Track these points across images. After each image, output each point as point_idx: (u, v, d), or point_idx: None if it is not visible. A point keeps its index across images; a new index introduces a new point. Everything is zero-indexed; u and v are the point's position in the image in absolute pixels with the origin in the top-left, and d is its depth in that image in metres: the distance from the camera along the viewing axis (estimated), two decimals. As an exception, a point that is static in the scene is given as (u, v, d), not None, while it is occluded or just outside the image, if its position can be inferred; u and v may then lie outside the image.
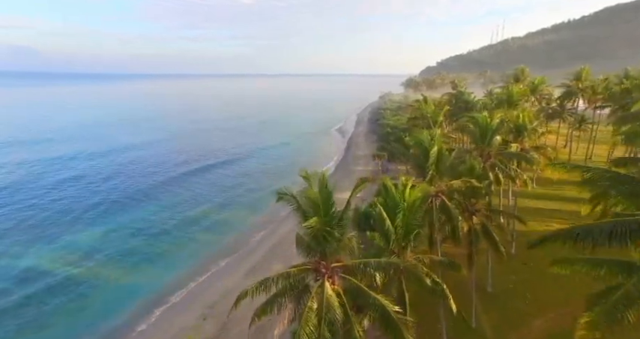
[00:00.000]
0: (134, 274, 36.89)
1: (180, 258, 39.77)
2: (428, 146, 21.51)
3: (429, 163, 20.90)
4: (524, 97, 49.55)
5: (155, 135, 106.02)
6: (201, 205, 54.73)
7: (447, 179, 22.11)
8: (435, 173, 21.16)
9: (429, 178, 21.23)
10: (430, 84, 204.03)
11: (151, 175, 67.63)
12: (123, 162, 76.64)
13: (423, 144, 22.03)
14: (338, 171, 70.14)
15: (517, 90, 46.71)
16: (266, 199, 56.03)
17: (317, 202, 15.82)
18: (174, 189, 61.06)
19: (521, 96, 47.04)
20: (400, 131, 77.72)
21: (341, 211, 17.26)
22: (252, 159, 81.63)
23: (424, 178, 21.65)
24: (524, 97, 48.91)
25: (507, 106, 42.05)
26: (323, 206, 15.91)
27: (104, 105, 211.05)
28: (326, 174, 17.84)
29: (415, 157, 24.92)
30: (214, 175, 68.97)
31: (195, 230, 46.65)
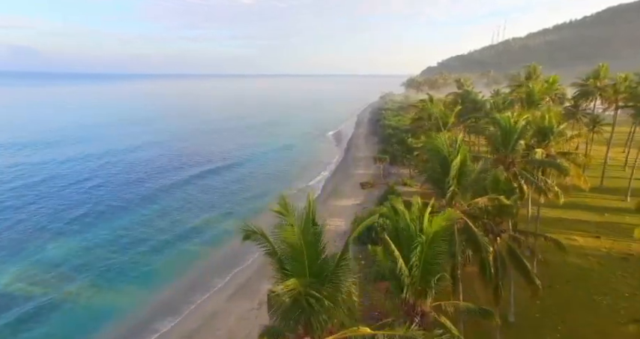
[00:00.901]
0: (114, 295, 32.60)
1: (168, 275, 35.40)
2: (447, 155, 17.09)
3: (449, 177, 16.48)
4: (548, 95, 45.22)
5: (152, 137, 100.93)
6: (193, 212, 50.42)
7: (469, 196, 17.73)
8: (457, 189, 16.80)
9: (449, 195, 16.83)
10: (432, 84, 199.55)
11: (144, 180, 63.09)
12: (116, 165, 71.92)
13: (440, 152, 17.62)
14: (337, 174, 65.91)
15: (539, 88, 42.23)
16: (262, 206, 51.99)
17: (299, 248, 11.41)
18: (166, 195, 56.59)
19: (543, 94, 42.57)
20: (402, 133, 73.65)
21: (336, 255, 12.65)
22: (250, 163, 76.09)
23: (442, 194, 17.24)
24: (547, 95, 44.50)
25: (527, 105, 37.83)
26: (308, 254, 11.52)
27: (103, 105, 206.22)
28: (313, 202, 13.16)
29: (427, 166, 20.31)
30: (209, 180, 63.78)
31: (186, 241, 42.32)
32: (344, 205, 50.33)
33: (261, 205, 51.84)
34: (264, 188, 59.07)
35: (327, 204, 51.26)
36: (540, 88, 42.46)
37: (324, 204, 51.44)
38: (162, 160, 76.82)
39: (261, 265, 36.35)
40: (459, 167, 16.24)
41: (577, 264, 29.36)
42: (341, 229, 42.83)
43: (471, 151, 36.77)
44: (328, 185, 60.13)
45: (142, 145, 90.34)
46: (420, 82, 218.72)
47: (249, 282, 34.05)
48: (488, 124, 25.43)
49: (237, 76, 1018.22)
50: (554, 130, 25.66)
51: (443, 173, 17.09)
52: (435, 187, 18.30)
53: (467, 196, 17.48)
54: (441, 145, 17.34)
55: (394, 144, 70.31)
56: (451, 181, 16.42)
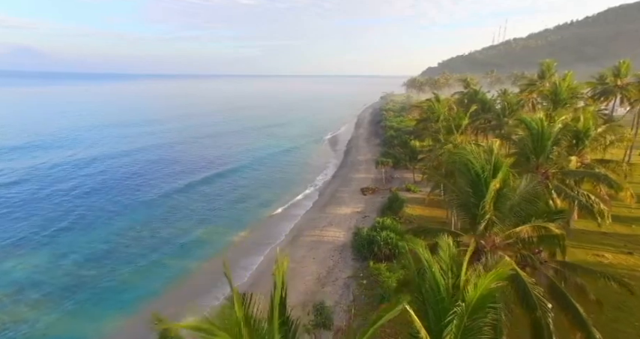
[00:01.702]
0: (80, 323, 28.43)
1: (147, 297, 31.11)
2: (481, 171, 12.87)
3: (484, 201, 12.19)
4: (576, 93, 40.81)
5: (149, 140, 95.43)
6: (180, 220, 46.08)
7: (509, 223, 13.37)
8: (495, 217, 12.51)
9: (484, 226, 12.56)
10: (434, 84, 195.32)
11: (130, 187, 58.50)
12: (106, 171, 66.68)
13: (471, 168, 12.95)
14: (336, 179, 61.68)
15: (568, 84, 37.66)
16: (256, 215, 47.88)
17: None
18: (152, 201, 52.24)
19: (573, 92, 38.11)
20: (405, 134, 69.52)
21: None
22: (248, 168, 70.34)
23: (471, 219, 12.97)
24: (579, 93, 40.02)
25: (553, 106, 33.68)
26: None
27: (103, 106, 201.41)
28: (283, 277, 8.94)
29: (451, 184, 15.53)
30: (202, 187, 58.57)
31: (166, 254, 38.08)
32: (343, 214, 46.14)
33: (249, 219, 47.85)
34: (255, 200, 54.70)
35: (325, 212, 47.08)
36: (569, 84, 37.91)
37: (321, 212, 47.27)
38: (154, 164, 71.79)
39: (257, 279, 32.23)
40: (499, 189, 11.94)
41: (614, 289, 25.15)
42: (339, 241, 38.65)
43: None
44: (326, 190, 55.92)
45: (136, 149, 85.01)
46: (421, 82, 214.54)
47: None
48: (517, 126, 21.11)
49: (239, 77, 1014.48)
50: (590, 133, 21.53)
51: (474, 195, 12.75)
52: (462, 212, 13.99)
53: (505, 223, 13.13)
54: (473, 159, 12.81)
55: (396, 147, 66.16)
56: (487, 207, 12.17)
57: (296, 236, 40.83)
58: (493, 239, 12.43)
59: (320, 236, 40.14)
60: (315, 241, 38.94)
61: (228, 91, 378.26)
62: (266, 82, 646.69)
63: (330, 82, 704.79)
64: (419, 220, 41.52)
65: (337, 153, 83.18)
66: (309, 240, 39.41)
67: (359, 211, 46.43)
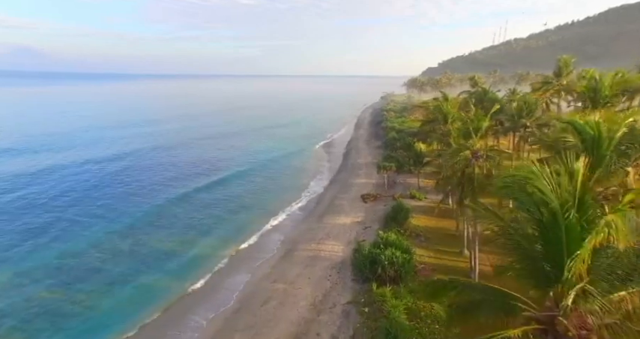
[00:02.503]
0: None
1: (111, 325, 26.76)
2: (562, 211, 7.73)
3: (570, 262, 7.45)
4: (622, 91, 35.97)
5: (145, 142, 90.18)
6: (165, 232, 41.61)
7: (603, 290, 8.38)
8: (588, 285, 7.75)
9: (570, 300, 7.86)
10: (435, 84, 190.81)
11: (118, 193, 53.79)
12: (94, 175, 61.90)
13: (543, 203, 8.11)
14: (334, 184, 57.32)
15: (611, 81, 32.69)
16: (248, 225, 43.50)
17: None
18: (137, 210, 47.71)
19: (618, 89, 33.28)
20: (408, 136, 65.16)
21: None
22: (243, 174, 64.87)
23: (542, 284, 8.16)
24: (622, 91, 35.27)
25: (592, 106, 29.30)
26: None
27: (102, 106, 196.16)
28: None
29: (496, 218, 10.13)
30: (193, 194, 53.25)
31: (144, 272, 33.72)
32: (342, 224, 41.79)
33: (241, 230, 43.55)
34: (248, 208, 50.27)
35: (322, 222, 42.72)
36: (614, 80, 33.00)
37: (318, 222, 42.91)
38: (146, 169, 66.60)
39: (244, 302, 27.86)
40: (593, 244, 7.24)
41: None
42: (337, 256, 34.30)
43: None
44: (325, 197, 51.56)
45: (130, 151, 79.72)
46: (422, 82, 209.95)
47: (232, 324, 25.38)
48: (566, 130, 16.73)
49: (239, 77, 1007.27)
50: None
51: (546, 245, 8.13)
52: (521, 264, 9.39)
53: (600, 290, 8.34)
54: (545, 188, 7.96)
55: (399, 149, 61.82)
56: (577, 269, 7.59)
57: (290, 250, 36.50)
58: (584, 319, 7.88)
59: (316, 251, 35.79)
60: (310, 257, 34.60)
61: (228, 91, 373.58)
62: (266, 82, 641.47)
63: (330, 82, 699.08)
64: (425, 231, 37.21)
65: (336, 156, 78.83)
66: (304, 255, 35.07)
67: (359, 221, 42.07)
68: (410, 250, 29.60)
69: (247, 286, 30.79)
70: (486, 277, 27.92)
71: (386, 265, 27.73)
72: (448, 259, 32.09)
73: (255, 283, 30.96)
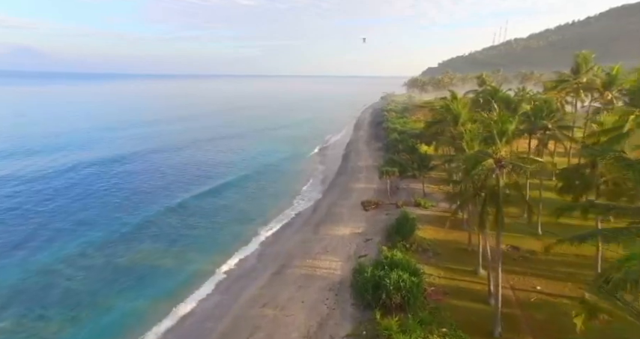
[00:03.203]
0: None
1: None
2: None
3: None
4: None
5: (141, 144, 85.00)
6: (145, 244, 37.60)
7: None
8: None
9: None
10: (437, 84, 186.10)
11: (100, 200, 49.41)
12: (81, 180, 57.70)
13: None
14: (333, 189, 53.23)
15: None
16: (239, 236, 39.40)
17: None
18: (118, 219, 43.59)
19: None
20: (411, 138, 61.07)
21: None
22: (239, 179, 59.78)
23: None
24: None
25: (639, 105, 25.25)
26: None
27: (102, 106, 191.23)
28: None
29: None
30: (181, 202, 48.52)
31: (115, 292, 29.67)
32: (341, 235, 37.69)
33: (230, 242, 39.50)
34: (242, 217, 46.13)
35: (318, 233, 38.63)
36: None
37: (314, 233, 38.81)
38: (136, 174, 61.89)
39: (229, 333, 23.79)
40: None
41: None
42: (335, 275, 30.22)
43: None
44: (322, 204, 47.44)
45: (123, 155, 74.44)
46: (424, 82, 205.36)
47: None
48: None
49: (239, 77, 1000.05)
50: None
51: None
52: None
53: None
54: None
55: (402, 152, 57.70)
56: None
57: (282, 267, 32.39)
58: None
59: (312, 267, 31.71)
60: (305, 276, 30.51)
61: (228, 91, 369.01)
62: (266, 82, 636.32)
63: (329, 82, 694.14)
64: (434, 245, 33.09)
65: (335, 158, 74.65)
66: (298, 273, 30.97)
67: (360, 233, 37.96)
68: (419, 271, 25.51)
69: (232, 312, 26.66)
70: (509, 304, 23.91)
71: (391, 290, 23.64)
72: (461, 279, 27.98)
73: (242, 309, 26.83)
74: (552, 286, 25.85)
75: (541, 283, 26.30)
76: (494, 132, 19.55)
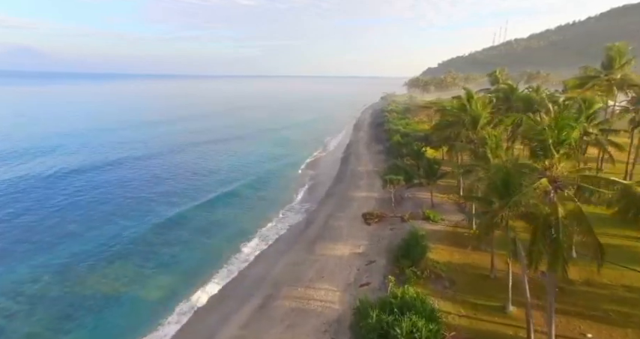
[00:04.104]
0: None
1: None
2: None
3: None
4: None
5: (135, 148, 78.47)
6: (112, 266, 32.07)
7: None
8: None
9: None
10: (439, 83, 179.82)
11: (74, 213, 43.69)
12: (60, 188, 51.54)
13: None
14: (330, 198, 47.57)
15: None
16: (223, 256, 33.81)
17: None
18: (86, 233, 38.07)
19: None
20: (415, 141, 55.46)
21: None
22: (231, 187, 53.03)
23: None
24: None
25: None
26: None
27: (101, 106, 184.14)
28: None
29: None
30: (164, 214, 42.48)
31: (66, 327, 24.26)
32: (339, 256, 32.10)
33: (212, 263, 33.93)
34: (228, 231, 40.36)
35: (312, 252, 33.03)
36: None
37: (308, 252, 33.20)
38: (124, 184, 54.81)
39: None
40: None
41: None
42: (332, 311, 24.65)
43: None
44: (318, 216, 41.80)
45: (113, 161, 67.25)
46: (425, 82, 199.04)
47: None
48: None
49: (239, 77, 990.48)
50: None
51: None
52: None
53: None
54: None
55: (406, 157, 52.14)
56: None
57: (269, 298, 26.81)
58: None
59: (304, 299, 26.11)
60: (296, 310, 24.94)
61: (228, 91, 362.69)
62: (266, 82, 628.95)
63: (329, 82, 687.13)
64: (449, 270, 27.50)
65: (333, 162, 69.07)
66: (287, 307, 25.40)
67: (361, 253, 32.35)
68: (436, 315, 19.88)
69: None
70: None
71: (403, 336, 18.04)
72: (487, 319, 22.33)
73: None
74: (606, 334, 20.23)
75: (591, 329, 20.65)
76: (549, 141, 13.93)
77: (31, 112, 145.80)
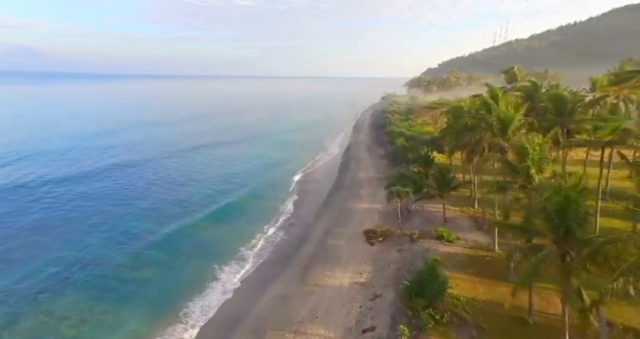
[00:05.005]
0: None
1: None
2: None
3: None
4: None
5: (119, 156, 70.51)
6: (55, 299, 26.41)
7: None
8: None
9: None
10: (442, 83, 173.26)
11: (39, 231, 37.84)
12: (36, 200, 45.36)
13: None
14: (327, 210, 41.66)
15: None
16: (197, 289, 27.93)
17: None
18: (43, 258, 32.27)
19: None
20: (422, 144, 49.67)
21: None
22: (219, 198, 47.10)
23: None
24: None
25: None
26: None
27: (100, 106, 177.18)
28: None
29: None
30: (132, 242, 34.93)
31: None
32: (337, 286, 26.29)
33: (185, 297, 28.02)
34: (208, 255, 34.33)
35: (305, 281, 27.19)
36: None
37: (300, 281, 27.36)
38: (102, 198, 47.22)
39: None
40: None
41: None
42: (328, 370, 18.86)
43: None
44: (313, 233, 35.94)
45: (97, 170, 59.90)
46: (428, 81, 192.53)
47: None
48: None
49: (238, 78, 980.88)
50: None
51: None
52: None
53: None
54: None
55: (411, 162, 46.40)
56: None
57: (248, 348, 21.02)
58: None
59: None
60: (280, 369, 19.15)
61: (228, 91, 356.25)
62: (265, 83, 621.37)
63: (329, 82, 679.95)
64: (474, 311, 21.73)
65: (331, 167, 63.30)
66: (269, 363, 19.61)
67: (363, 283, 26.52)
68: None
69: None
70: None
71: None
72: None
73: None
74: None
75: None
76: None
77: (29, 112, 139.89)
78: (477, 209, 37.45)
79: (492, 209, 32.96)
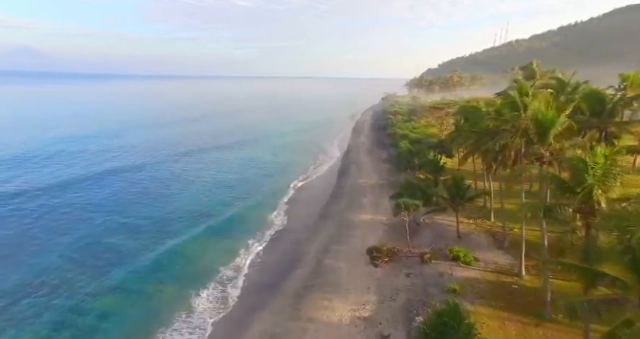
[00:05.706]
0: None
1: None
2: None
3: None
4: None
5: (110, 160, 65.49)
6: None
7: None
8: None
9: None
10: (445, 83, 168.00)
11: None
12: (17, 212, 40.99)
13: None
14: (325, 222, 36.86)
15: None
16: (172, 321, 23.20)
17: None
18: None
19: None
20: (429, 148, 44.94)
21: None
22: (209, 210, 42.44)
23: None
24: None
25: None
26: None
27: (100, 106, 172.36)
28: None
29: None
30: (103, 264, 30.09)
31: None
32: (336, 323, 21.55)
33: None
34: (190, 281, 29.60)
35: (298, 315, 22.45)
36: None
37: (292, 315, 22.60)
38: (89, 207, 42.51)
39: None
40: None
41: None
42: None
43: None
44: (307, 252, 31.17)
45: (87, 176, 54.74)
46: (430, 81, 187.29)
47: None
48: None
49: (238, 78, 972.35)
50: None
51: None
52: None
53: None
54: None
55: (418, 168, 41.64)
56: None
57: None
58: None
59: None
60: None
61: (228, 91, 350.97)
62: (265, 83, 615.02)
63: (329, 82, 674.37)
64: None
65: (330, 172, 58.58)
66: None
67: (367, 318, 21.77)
68: None
69: None
70: None
71: None
72: None
73: None
74: None
75: None
76: None
77: (29, 112, 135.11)
78: (494, 222, 32.86)
79: (515, 223, 28.46)
